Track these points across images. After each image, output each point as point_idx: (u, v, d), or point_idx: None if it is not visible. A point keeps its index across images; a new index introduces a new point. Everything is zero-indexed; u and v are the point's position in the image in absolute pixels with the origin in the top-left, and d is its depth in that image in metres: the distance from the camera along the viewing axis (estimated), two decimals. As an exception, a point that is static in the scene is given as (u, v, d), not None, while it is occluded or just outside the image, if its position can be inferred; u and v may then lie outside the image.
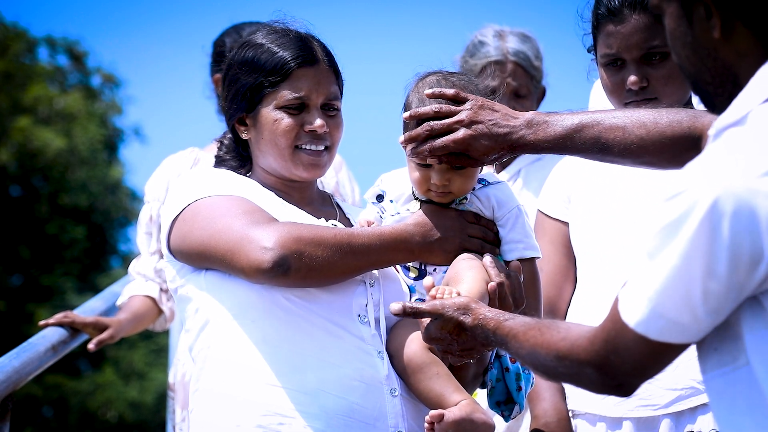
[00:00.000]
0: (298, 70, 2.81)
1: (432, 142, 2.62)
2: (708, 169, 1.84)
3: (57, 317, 4.01)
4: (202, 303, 2.75)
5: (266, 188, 2.84)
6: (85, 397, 20.65)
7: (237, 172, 2.90)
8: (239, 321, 2.69)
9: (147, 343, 21.35)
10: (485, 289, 2.56)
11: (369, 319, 2.72)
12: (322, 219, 2.82)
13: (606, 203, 3.23)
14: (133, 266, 4.21)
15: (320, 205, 2.93)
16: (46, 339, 3.87)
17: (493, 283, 2.58)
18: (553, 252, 3.30)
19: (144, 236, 4.20)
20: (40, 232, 21.33)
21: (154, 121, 39.86)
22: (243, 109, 2.85)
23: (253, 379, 2.66)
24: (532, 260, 2.76)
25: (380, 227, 2.73)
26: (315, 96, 2.82)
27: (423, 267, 2.75)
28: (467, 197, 2.74)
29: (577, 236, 3.29)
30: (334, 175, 4.42)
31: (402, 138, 2.67)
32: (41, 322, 4.01)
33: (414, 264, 2.75)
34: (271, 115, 2.82)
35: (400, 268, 2.78)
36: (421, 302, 2.49)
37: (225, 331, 2.71)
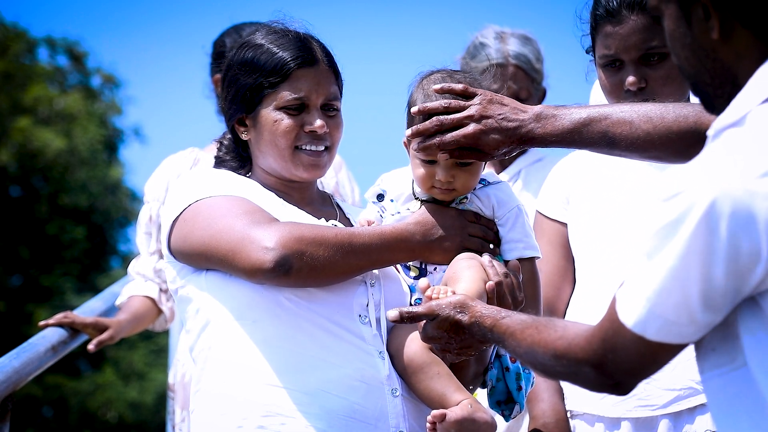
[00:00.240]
0: (297, 71, 2.81)
1: (441, 137, 2.62)
2: (706, 169, 1.84)
3: (57, 318, 4.00)
4: (203, 303, 2.75)
5: (266, 189, 2.84)
6: (85, 398, 20.64)
7: (237, 172, 2.90)
8: (240, 321, 2.70)
9: (147, 344, 21.34)
10: (483, 288, 2.56)
11: (370, 319, 2.72)
12: (322, 219, 2.82)
13: (604, 204, 3.23)
14: (133, 266, 4.21)
15: (320, 205, 2.93)
16: (46, 339, 3.86)
17: (491, 282, 2.58)
18: (552, 253, 3.29)
19: (143, 236, 4.19)
20: (40, 232, 21.32)
21: (154, 121, 39.90)
22: (243, 109, 2.85)
23: (254, 379, 2.66)
24: (531, 260, 2.77)
25: (381, 226, 2.74)
26: (315, 96, 2.82)
27: (423, 266, 2.75)
28: (467, 197, 2.74)
29: (576, 237, 3.28)
30: (334, 176, 4.42)
31: (409, 132, 2.66)
32: (41, 322, 4.01)
33: (414, 263, 2.76)
34: (271, 115, 2.82)
35: (400, 267, 2.79)
36: (418, 304, 2.49)
37: (226, 331, 2.71)
